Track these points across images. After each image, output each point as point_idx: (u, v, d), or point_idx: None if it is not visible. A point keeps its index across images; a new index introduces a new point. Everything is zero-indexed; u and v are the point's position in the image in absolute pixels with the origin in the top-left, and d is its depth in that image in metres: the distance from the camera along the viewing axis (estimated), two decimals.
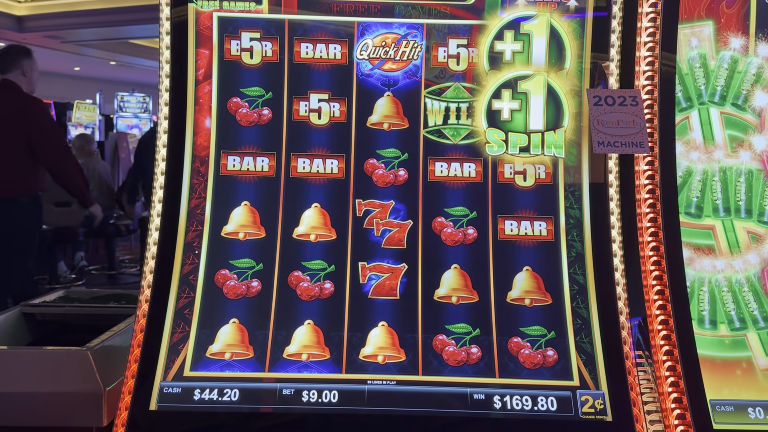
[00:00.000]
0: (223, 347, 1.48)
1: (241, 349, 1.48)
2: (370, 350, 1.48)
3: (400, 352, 1.48)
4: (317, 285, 1.53)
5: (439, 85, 1.61)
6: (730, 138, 1.58)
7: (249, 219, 1.57)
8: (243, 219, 1.57)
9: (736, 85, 1.59)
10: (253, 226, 1.57)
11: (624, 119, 1.47)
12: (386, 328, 1.50)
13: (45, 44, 12.56)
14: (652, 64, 1.58)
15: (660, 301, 1.49)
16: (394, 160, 1.59)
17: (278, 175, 1.59)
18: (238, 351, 1.48)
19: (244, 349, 1.48)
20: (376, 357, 1.47)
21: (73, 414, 1.51)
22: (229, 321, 1.50)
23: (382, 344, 1.48)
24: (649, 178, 1.56)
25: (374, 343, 1.48)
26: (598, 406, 1.42)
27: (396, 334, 1.50)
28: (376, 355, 1.47)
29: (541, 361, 1.47)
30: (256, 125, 1.61)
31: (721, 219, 1.55)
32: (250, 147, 1.60)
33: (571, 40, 1.60)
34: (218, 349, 1.48)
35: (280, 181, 1.59)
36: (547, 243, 1.56)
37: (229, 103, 1.61)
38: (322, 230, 1.57)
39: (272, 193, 1.59)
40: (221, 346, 1.48)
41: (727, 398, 1.42)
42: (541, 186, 1.59)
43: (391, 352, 1.48)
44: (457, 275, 1.54)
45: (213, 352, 1.47)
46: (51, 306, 2.05)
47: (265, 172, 1.59)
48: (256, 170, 1.59)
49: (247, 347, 1.48)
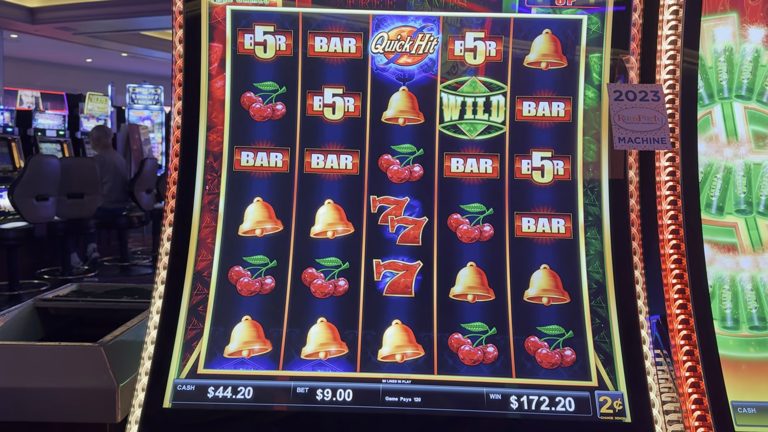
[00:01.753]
0: (240, 345, 1.46)
1: (258, 344, 1.46)
2: (388, 350, 1.46)
3: (417, 347, 1.46)
4: (331, 282, 1.51)
5: (456, 80, 1.59)
6: (754, 134, 1.55)
7: (264, 215, 1.55)
8: (258, 215, 1.55)
9: (760, 79, 1.55)
10: (269, 221, 1.55)
11: (645, 115, 1.44)
12: (401, 326, 1.48)
13: (57, 36, 12.61)
14: (674, 58, 1.54)
15: (680, 300, 1.46)
16: (409, 156, 1.57)
17: (292, 171, 1.57)
18: (256, 347, 1.46)
19: (261, 344, 1.46)
20: (394, 356, 1.45)
21: (87, 410, 1.51)
22: (242, 318, 1.49)
23: (399, 342, 1.47)
24: (670, 174, 1.52)
25: (391, 342, 1.46)
26: (617, 407, 1.40)
27: (412, 332, 1.48)
28: (393, 354, 1.45)
29: (559, 360, 1.45)
30: (270, 120, 1.59)
31: (743, 216, 1.52)
32: (263, 142, 1.58)
33: (590, 33, 1.57)
34: (235, 348, 1.46)
35: (294, 177, 1.57)
36: (565, 240, 1.54)
37: (243, 97, 1.59)
38: (339, 225, 1.55)
39: (286, 189, 1.57)
40: (238, 345, 1.47)
41: (749, 400, 1.39)
42: (560, 182, 1.56)
43: (409, 348, 1.46)
44: (473, 273, 1.52)
45: (230, 352, 1.46)
46: (64, 300, 2.05)
47: (278, 167, 1.57)
48: (270, 166, 1.58)
49: (264, 342, 1.47)
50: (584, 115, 1.57)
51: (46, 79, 14.08)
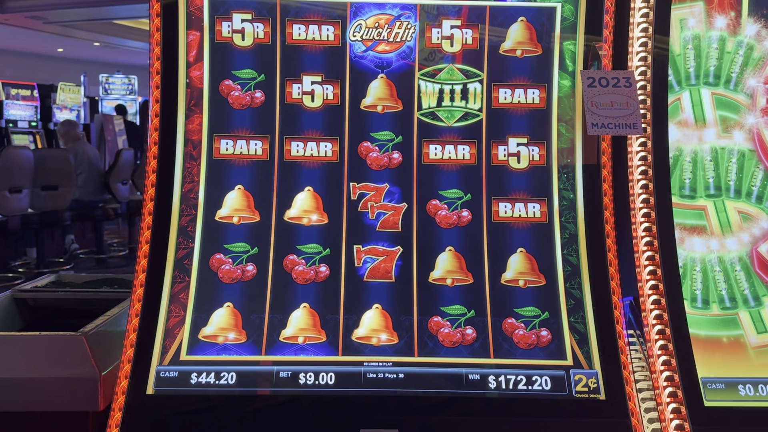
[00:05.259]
0: (216, 330, 1.48)
1: (234, 333, 1.48)
2: (364, 332, 1.49)
3: (393, 335, 1.49)
4: (312, 268, 1.53)
5: (433, 67, 1.61)
6: (721, 118, 1.59)
7: (243, 203, 1.56)
8: (237, 203, 1.56)
9: (727, 66, 1.60)
10: (247, 210, 1.56)
11: (618, 101, 1.47)
12: (380, 311, 1.51)
13: (27, 25, 12.34)
14: (646, 45, 1.58)
15: (652, 281, 1.50)
16: (388, 143, 1.59)
17: (272, 159, 1.58)
18: (232, 336, 1.48)
19: (237, 334, 1.48)
20: (370, 339, 1.48)
21: (70, 399, 1.51)
22: (224, 305, 1.50)
23: (376, 326, 1.49)
24: (642, 159, 1.56)
25: (368, 325, 1.49)
26: (592, 385, 1.44)
27: (390, 317, 1.50)
28: (370, 337, 1.48)
29: (535, 341, 1.49)
30: (249, 108, 1.59)
31: (712, 199, 1.57)
32: (242, 130, 1.59)
33: (564, 21, 1.60)
34: (211, 332, 1.48)
35: (274, 164, 1.58)
36: (540, 224, 1.57)
37: (221, 85, 1.59)
38: (315, 214, 1.56)
39: (266, 176, 1.58)
40: (214, 329, 1.48)
41: (718, 376, 1.44)
42: (535, 168, 1.59)
43: (385, 334, 1.49)
44: (452, 257, 1.55)
45: (206, 335, 1.47)
46: (43, 291, 2.04)
47: (258, 155, 1.58)
48: (250, 154, 1.58)
49: (240, 332, 1.48)
50: (558, 101, 1.60)
51: (17, 69, 13.79)
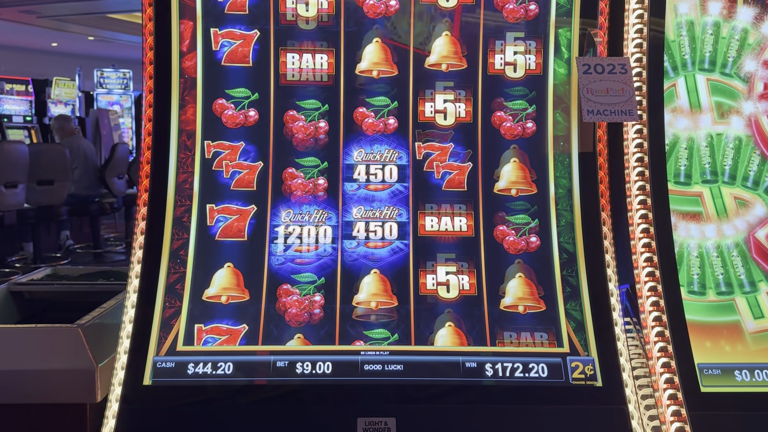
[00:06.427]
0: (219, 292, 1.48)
1: (238, 321, 1.48)
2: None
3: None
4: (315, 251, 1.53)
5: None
6: (717, 105, 1.59)
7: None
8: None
9: (722, 52, 1.59)
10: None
11: (613, 87, 1.47)
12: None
13: (21, 19, 12.27)
14: (641, 32, 1.57)
15: (649, 267, 1.50)
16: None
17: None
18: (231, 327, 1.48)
19: (241, 321, 1.48)
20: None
21: (67, 391, 1.51)
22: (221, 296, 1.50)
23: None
24: (638, 146, 1.56)
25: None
26: (588, 372, 1.44)
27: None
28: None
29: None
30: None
31: (708, 186, 1.57)
32: None
33: (560, 7, 1.59)
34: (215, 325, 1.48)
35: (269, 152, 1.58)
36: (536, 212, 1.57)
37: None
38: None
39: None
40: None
41: (714, 362, 1.45)
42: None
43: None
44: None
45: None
46: (39, 284, 2.03)
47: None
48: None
49: (244, 320, 1.48)
50: (554, 89, 1.60)
51: (11, 64, 13.72)
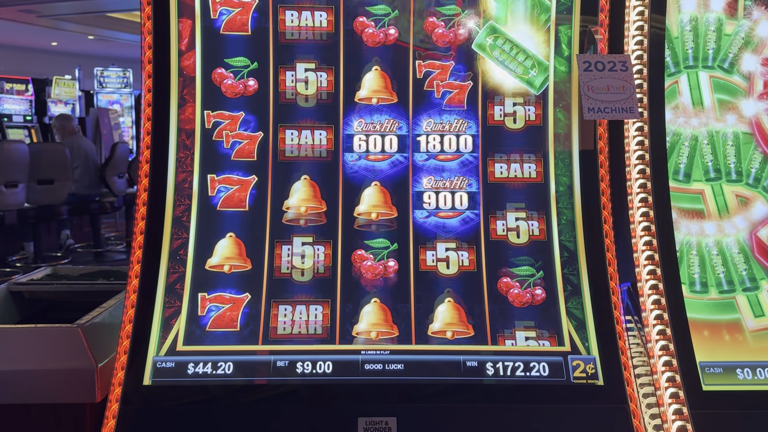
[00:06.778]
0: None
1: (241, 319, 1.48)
2: (364, 327, 1.48)
3: (393, 327, 1.48)
4: (314, 261, 1.53)
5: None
6: (719, 102, 1.58)
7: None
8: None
9: (725, 49, 1.59)
10: (241, 204, 1.55)
11: (614, 85, 1.46)
12: (378, 304, 1.49)
13: (20, 19, 12.26)
14: (642, 29, 1.57)
15: (650, 265, 1.50)
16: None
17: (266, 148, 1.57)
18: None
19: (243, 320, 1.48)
20: (369, 333, 1.47)
21: (66, 391, 1.51)
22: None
23: (375, 320, 1.48)
24: (638, 143, 1.55)
25: (367, 320, 1.48)
26: (590, 370, 1.44)
27: (389, 311, 1.49)
28: (369, 331, 1.47)
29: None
30: (243, 96, 1.58)
31: (710, 183, 1.56)
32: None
33: (560, 4, 1.59)
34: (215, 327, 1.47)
35: (268, 153, 1.57)
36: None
37: (214, 73, 1.58)
38: (312, 202, 1.55)
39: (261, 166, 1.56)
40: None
41: (716, 360, 1.44)
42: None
43: (384, 327, 1.47)
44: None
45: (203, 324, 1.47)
46: (39, 284, 2.03)
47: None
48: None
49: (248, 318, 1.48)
50: (554, 86, 1.59)
51: (11, 63, 13.71)
